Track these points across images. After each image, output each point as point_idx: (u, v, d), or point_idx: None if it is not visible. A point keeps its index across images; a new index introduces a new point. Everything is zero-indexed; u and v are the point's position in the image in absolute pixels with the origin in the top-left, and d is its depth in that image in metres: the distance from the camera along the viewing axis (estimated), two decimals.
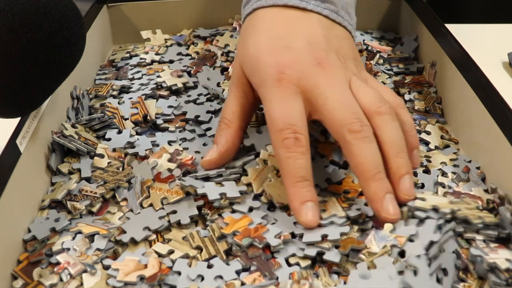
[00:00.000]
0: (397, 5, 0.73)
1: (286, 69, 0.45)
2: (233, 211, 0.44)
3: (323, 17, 0.50)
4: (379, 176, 0.42)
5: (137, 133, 0.55)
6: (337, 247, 0.41)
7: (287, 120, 0.43)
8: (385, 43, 0.71)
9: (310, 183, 0.43)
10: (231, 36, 0.69)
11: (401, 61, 0.66)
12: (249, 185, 0.46)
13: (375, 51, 0.68)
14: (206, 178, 0.47)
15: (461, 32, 0.60)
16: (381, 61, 0.66)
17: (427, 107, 0.58)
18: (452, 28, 0.59)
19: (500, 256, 0.39)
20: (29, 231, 0.43)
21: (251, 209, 0.44)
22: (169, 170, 0.49)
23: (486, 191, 0.46)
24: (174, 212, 0.45)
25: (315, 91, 0.44)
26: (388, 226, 0.41)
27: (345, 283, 0.39)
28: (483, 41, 0.70)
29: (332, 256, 0.40)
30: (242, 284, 0.39)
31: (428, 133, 0.54)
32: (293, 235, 0.42)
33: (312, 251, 0.40)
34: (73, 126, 0.52)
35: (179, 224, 0.44)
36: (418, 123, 0.55)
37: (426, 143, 0.53)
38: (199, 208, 0.45)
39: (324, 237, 0.41)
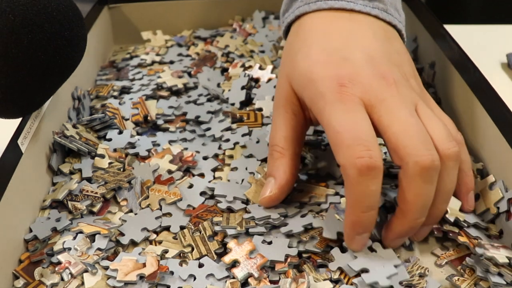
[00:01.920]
0: None
1: (348, 81, 0.40)
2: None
3: (375, 21, 0.46)
4: (418, 223, 0.39)
5: (138, 134, 0.55)
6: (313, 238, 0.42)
7: (357, 134, 0.37)
8: None
9: (375, 213, 0.39)
10: (231, 37, 0.70)
11: None
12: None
13: None
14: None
15: (460, 33, 0.60)
16: None
17: None
18: (451, 29, 0.59)
19: (501, 253, 0.40)
20: (30, 230, 0.44)
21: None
22: (170, 171, 0.49)
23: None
24: (170, 214, 0.45)
25: (380, 108, 0.39)
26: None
27: (332, 275, 0.40)
28: (481, 42, 0.70)
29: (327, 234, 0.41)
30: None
31: None
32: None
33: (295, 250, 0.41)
34: (74, 126, 0.52)
35: (168, 230, 0.44)
36: None
37: None
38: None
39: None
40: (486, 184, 0.45)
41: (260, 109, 0.56)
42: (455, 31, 0.59)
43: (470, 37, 0.62)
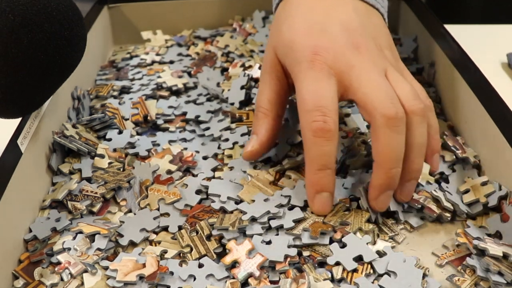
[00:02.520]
0: (396, 6, 0.73)
1: (321, 51, 0.44)
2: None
3: (359, 2, 0.48)
4: (393, 173, 0.42)
5: (138, 134, 0.55)
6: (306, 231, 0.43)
7: (318, 101, 0.42)
8: None
9: (332, 172, 0.42)
10: (231, 37, 0.70)
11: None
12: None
13: None
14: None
15: (460, 32, 0.60)
16: None
17: None
18: (451, 28, 0.59)
19: (497, 248, 0.40)
20: (30, 231, 0.43)
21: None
22: (169, 171, 0.49)
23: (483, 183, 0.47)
24: (168, 214, 0.45)
25: (350, 73, 0.43)
26: None
27: (331, 273, 0.40)
28: (482, 42, 0.70)
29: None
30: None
31: None
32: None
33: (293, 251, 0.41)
34: (74, 126, 0.52)
35: (166, 230, 0.44)
36: None
37: None
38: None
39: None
40: (479, 182, 0.45)
41: None
42: (456, 31, 0.59)
43: (471, 37, 0.62)
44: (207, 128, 0.55)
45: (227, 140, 0.53)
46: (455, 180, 0.47)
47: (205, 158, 0.52)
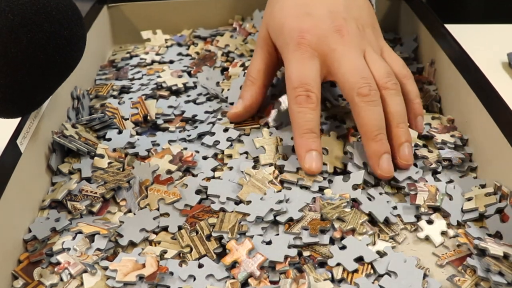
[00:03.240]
0: (396, 6, 0.73)
1: (306, 34, 0.49)
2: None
3: None
4: (380, 137, 0.47)
5: (138, 133, 0.55)
6: (305, 229, 0.43)
7: (302, 79, 0.48)
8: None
9: (316, 136, 0.47)
10: (231, 37, 0.70)
11: None
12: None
13: None
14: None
15: (460, 32, 0.60)
16: None
17: (425, 104, 0.58)
18: (452, 28, 0.59)
19: (497, 248, 0.40)
20: (30, 231, 0.43)
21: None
22: (169, 171, 0.49)
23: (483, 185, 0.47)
24: (167, 215, 0.45)
25: (331, 56, 0.49)
26: (327, 191, 0.46)
27: (332, 274, 0.40)
28: (482, 42, 0.70)
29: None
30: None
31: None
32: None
33: (294, 251, 0.41)
34: (73, 126, 0.52)
35: (166, 230, 0.44)
36: None
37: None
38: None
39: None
40: (484, 192, 0.46)
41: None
42: (456, 30, 0.59)
43: (471, 37, 0.62)
44: (206, 133, 0.54)
45: (227, 140, 0.53)
46: (462, 185, 0.48)
47: (205, 158, 0.51)
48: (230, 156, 0.51)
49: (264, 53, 0.55)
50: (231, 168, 0.49)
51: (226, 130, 0.54)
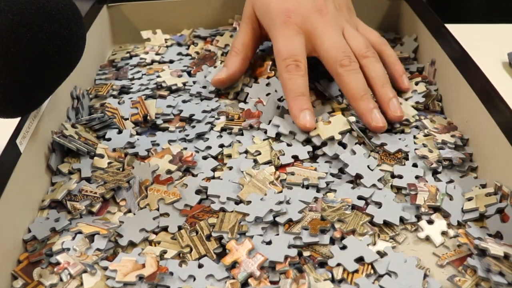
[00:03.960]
0: (397, 5, 0.73)
1: (292, 14, 0.55)
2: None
3: None
4: (366, 97, 0.52)
5: (137, 133, 0.55)
6: (306, 229, 0.43)
7: (290, 51, 0.54)
8: None
9: (307, 98, 0.52)
10: (231, 36, 0.69)
11: (401, 61, 0.66)
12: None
13: None
14: None
15: (461, 32, 0.60)
16: None
17: (427, 104, 0.58)
18: (452, 28, 0.59)
19: (498, 248, 0.40)
20: (29, 231, 0.43)
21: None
22: (169, 171, 0.49)
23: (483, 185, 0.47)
24: (167, 215, 0.45)
25: (314, 33, 0.55)
26: (330, 195, 0.46)
27: (332, 274, 0.40)
28: (483, 41, 0.70)
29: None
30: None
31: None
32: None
33: (294, 251, 0.41)
34: (73, 126, 0.52)
35: (166, 230, 0.44)
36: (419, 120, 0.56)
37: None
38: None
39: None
40: (484, 192, 0.46)
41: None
42: (456, 30, 0.59)
43: (471, 36, 0.62)
44: (203, 133, 0.54)
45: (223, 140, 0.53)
46: (462, 185, 0.47)
47: (205, 158, 0.51)
48: (229, 156, 0.51)
49: (249, 28, 0.60)
50: (231, 168, 0.49)
51: (220, 136, 0.54)
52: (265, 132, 0.53)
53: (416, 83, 0.60)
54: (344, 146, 0.51)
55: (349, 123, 0.51)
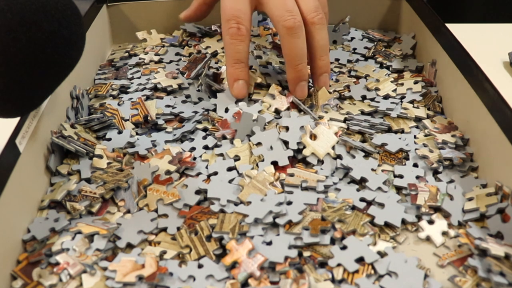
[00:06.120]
0: (397, 5, 0.73)
1: None
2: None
3: None
4: (300, 67, 0.54)
5: (138, 134, 0.55)
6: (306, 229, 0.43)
7: (234, 12, 0.55)
8: (386, 43, 0.71)
9: (245, 65, 0.55)
10: (218, 41, 0.69)
11: (400, 59, 0.66)
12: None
13: (377, 39, 0.70)
14: None
15: (461, 31, 0.59)
16: (380, 59, 0.66)
17: (427, 105, 0.58)
18: (453, 27, 0.59)
19: (499, 248, 0.39)
20: (29, 231, 0.43)
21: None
22: (168, 172, 0.49)
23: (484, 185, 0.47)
24: (166, 216, 0.45)
25: None
26: (331, 195, 0.47)
27: (332, 274, 0.40)
28: (483, 41, 0.70)
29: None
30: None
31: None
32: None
33: (294, 252, 0.41)
34: (72, 126, 0.52)
35: (165, 231, 0.44)
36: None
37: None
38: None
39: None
40: (485, 192, 0.45)
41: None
42: (457, 29, 0.59)
43: (472, 36, 0.62)
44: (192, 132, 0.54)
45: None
46: (463, 185, 0.47)
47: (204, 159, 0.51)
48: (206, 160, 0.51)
49: None
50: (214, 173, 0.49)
51: (205, 138, 0.53)
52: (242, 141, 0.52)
53: (415, 82, 0.60)
54: (340, 157, 0.50)
55: (335, 136, 0.51)
